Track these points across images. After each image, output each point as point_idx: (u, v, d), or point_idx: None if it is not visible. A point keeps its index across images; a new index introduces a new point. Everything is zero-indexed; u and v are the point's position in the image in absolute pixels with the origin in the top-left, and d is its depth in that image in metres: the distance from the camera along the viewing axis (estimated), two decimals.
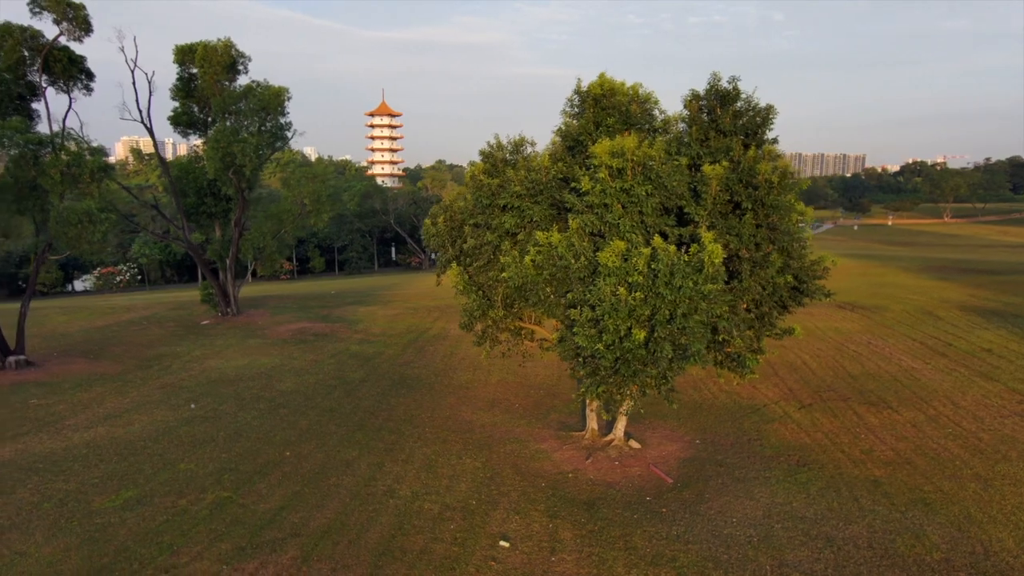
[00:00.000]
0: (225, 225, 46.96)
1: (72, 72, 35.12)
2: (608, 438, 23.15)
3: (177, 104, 44.54)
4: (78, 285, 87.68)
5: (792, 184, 17.23)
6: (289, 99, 44.13)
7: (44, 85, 35.18)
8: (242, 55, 42.74)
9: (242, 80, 44.42)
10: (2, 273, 78.08)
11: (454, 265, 19.65)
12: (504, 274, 17.66)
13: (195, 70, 42.57)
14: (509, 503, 19.28)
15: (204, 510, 18.73)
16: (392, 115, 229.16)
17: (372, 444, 23.48)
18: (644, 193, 15.91)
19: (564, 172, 17.71)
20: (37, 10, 32.93)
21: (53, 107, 36.68)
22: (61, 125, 36.05)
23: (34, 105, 36.33)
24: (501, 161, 19.13)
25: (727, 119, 18.51)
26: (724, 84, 18.65)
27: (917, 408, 26.66)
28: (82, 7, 33.87)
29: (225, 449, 23.01)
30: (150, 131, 42.91)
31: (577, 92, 19.25)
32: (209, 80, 41.33)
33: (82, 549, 16.64)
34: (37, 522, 18.02)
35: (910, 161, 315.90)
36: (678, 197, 16.97)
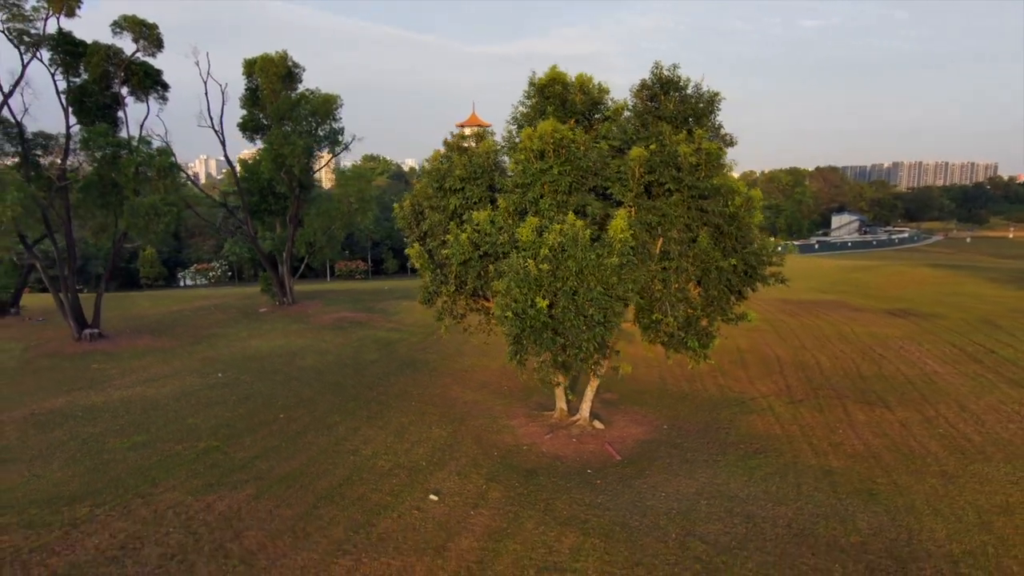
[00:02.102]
0: (284, 222, 51.26)
1: (147, 84, 40.05)
2: (574, 418, 23.97)
3: (245, 112, 49.34)
4: (180, 280, 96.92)
5: (719, 167, 17.57)
6: (340, 106, 47.91)
7: (125, 95, 40.38)
8: (297, 65, 46.87)
9: (301, 89, 48.69)
10: (115, 267, 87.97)
11: (416, 244, 21.38)
12: (446, 251, 19.18)
13: (260, 80, 47.05)
14: (456, 466, 20.64)
15: (193, 455, 21.41)
16: (481, 126, 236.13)
17: (358, 412, 25.55)
18: (558, 172, 16.90)
19: (500, 156, 19.01)
20: (118, 30, 38.01)
21: (142, 115, 41.83)
22: (139, 130, 41.35)
23: (119, 113, 41.75)
24: (456, 148, 20.67)
25: (669, 105, 19.08)
26: (666, 72, 19.28)
27: (916, 409, 25.51)
28: (155, 27, 38.70)
29: (231, 410, 25.84)
30: (219, 136, 47.82)
31: (531, 83, 20.47)
32: (267, 89, 45.62)
33: (84, 477, 19.67)
34: (59, 455, 21.36)
35: None
36: (603, 178, 17.80)
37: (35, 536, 16.21)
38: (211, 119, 47.03)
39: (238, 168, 50.20)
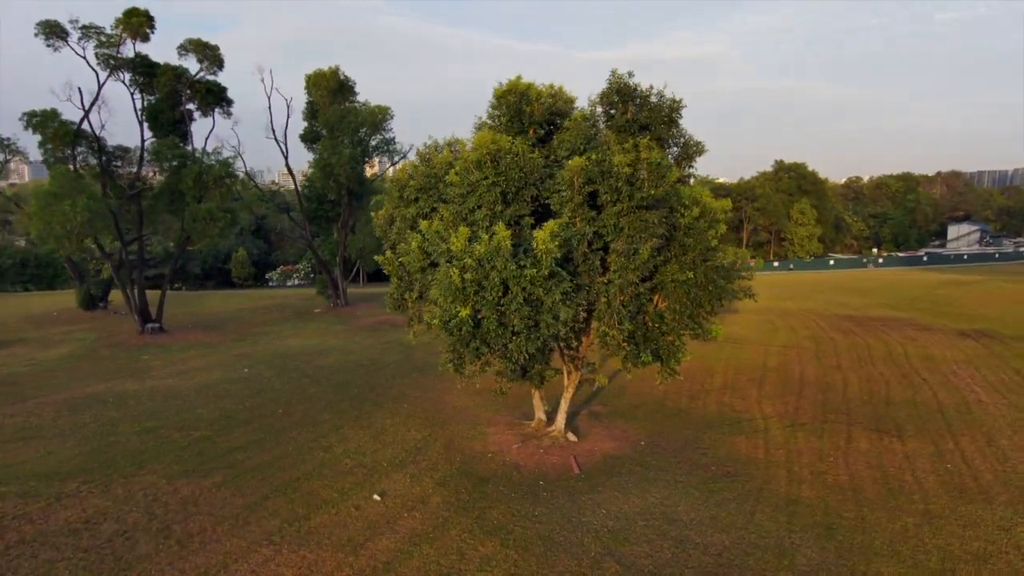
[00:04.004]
0: (340, 228, 54.04)
1: (209, 100, 43.69)
2: (550, 428, 23.80)
3: (306, 124, 52.56)
4: (268, 280, 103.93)
5: (661, 178, 16.96)
6: (390, 118, 49.94)
7: (193, 110, 44.26)
8: (349, 79, 49.34)
9: (356, 101, 51.24)
10: (212, 267, 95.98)
11: (389, 252, 22.09)
12: (402, 258, 19.75)
13: (313, 94, 50.00)
14: (414, 469, 21.11)
15: (186, 442, 23.25)
16: None
17: (348, 412, 26.64)
18: (490, 182, 16.96)
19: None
20: (184, 52, 41.79)
21: (218, 129, 45.74)
22: (204, 143, 45.13)
23: (191, 127, 45.80)
24: (424, 159, 21.19)
25: (623, 115, 18.64)
26: (624, 80, 18.85)
27: (932, 440, 23.21)
28: (216, 48, 42.21)
29: (239, 403, 27.73)
30: (280, 147, 51.20)
31: (494, 94, 20.64)
32: (320, 102, 48.38)
33: (87, 456, 21.89)
34: (76, 435, 23.87)
35: None
36: (543, 189, 17.71)
37: (23, 505, 18.31)
38: (273, 131, 50.61)
39: (299, 177, 53.45)
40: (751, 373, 32.25)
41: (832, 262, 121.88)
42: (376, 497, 19.00)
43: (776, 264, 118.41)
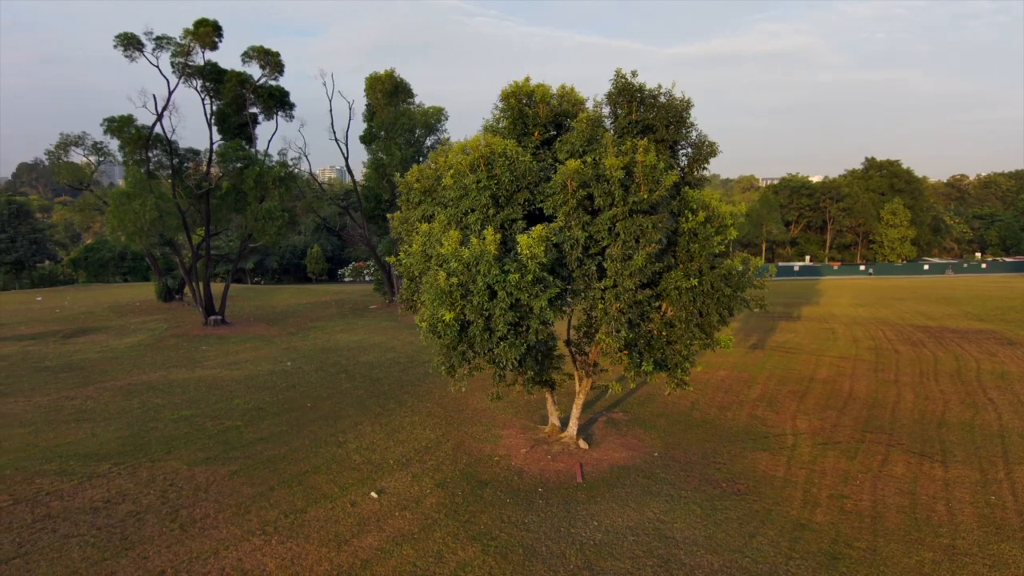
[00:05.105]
0: None
1: (271, 104, 45.86)
2: (562, 434, 23.45)
3: (365, 125, 54.23)
4: (340, 276, 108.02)
5: (656, 182, 16.23)
6: (445, 119, 50.65)
7: (255, 114, 46.61)
8: (404, 81, 50.44)
9: (415, 101, 52.35)
10: (290, 263, 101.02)
11: (402, 253, 22.38)
12: (406, 260, 19.97)
13: (369, 97, 51.47)
14: (419, 468, 21.35)
15: (216, 431, 24.55)
16: None
17: (370, 408, 27.28)
18: (476, 187, 16.83)
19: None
20: (247, 59, 44.08)
21: (286, 131, 48.15)
22: (266, 145, 47.34)
23: (255, 130, 48.27)
24: (433, 161, 21.31)
25: (626, 116, 18.01)
26: (628, 79, 18.20)
27: (981, 468, 21.14)
28: (277, 54, 44.26)
29: (274, 395, 29.00)
30: (340, 148, 53.06)
31: (501, 95, 20.44)
32: (377, 104, 49.72)
33: (125, 440, 23.56)
34: (121, 419, 25.73)
35: None
36: (538, 193, 17.41)
37: (59, 482, 19.92)
38: (334, 132, 52.50)
39: (359, 177, 55.25)
40: (794, 385, 30.47)
41: (927, 267, 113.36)
42: (373, 495, 19.35)
43: (862, 268, 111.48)
